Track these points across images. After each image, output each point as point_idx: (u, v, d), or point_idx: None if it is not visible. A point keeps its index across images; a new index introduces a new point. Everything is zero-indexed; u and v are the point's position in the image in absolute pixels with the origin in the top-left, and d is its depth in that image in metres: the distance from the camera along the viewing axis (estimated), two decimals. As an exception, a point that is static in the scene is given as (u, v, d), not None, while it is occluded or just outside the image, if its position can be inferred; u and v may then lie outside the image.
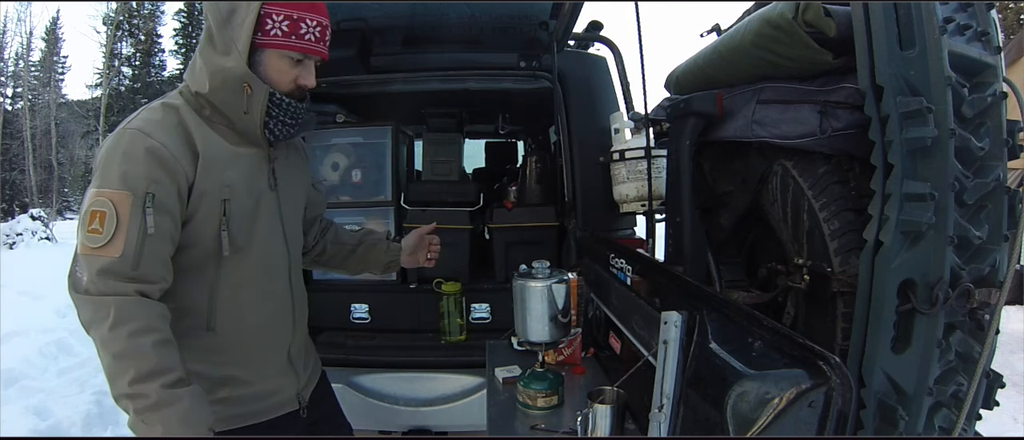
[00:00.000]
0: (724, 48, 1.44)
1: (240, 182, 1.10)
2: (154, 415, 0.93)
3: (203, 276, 1.09)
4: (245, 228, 1.11)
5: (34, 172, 24.19)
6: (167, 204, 1.01)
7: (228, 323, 1.12)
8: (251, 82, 1.06)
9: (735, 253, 1.67)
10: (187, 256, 1.07)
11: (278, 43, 1.07)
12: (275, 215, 1.18)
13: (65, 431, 2.71)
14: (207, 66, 1.06)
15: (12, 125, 24.35)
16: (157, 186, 0.99)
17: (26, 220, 9.66)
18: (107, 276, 0.96)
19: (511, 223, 2.49)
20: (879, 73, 0.95)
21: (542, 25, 2.09)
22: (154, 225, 0.98)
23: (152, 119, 1.04)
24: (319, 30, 1.10)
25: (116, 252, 0.96)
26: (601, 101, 2.39)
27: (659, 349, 1.00)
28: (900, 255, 0.93)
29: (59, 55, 26.88)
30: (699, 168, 1.68)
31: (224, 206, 1.07)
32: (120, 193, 0.97)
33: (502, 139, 4.42)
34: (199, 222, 1.06)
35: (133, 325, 0.94)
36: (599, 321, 1.74)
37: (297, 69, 1.10)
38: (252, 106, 1.07)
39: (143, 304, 0.97)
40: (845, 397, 0.69)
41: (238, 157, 1.11)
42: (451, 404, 2.17)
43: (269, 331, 1.19)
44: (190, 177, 1.04)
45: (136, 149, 0.99)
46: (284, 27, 1.06)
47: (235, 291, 1.12)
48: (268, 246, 1.17)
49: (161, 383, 0.94)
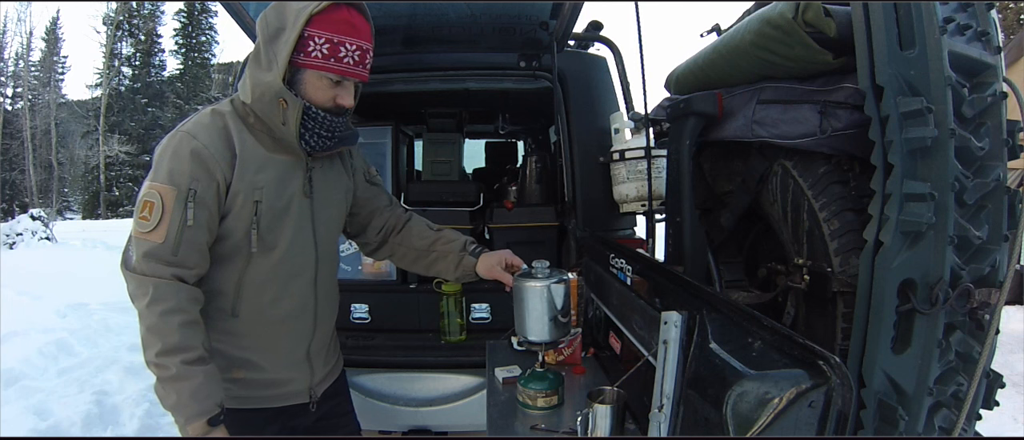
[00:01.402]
0: (724, 48, 1.44)
1: (271, 185, 1.19)
2: (171, 386, 1.08)
3: (233, 267, 1.20)
4: (274, 229, 1.20)
5: (34, 172, 24.20)
6: (206, 200, 1.13)
7: (250, 312, 1.22)
8: (286, 97, 1.15)
9: (735, 253, 1.67)
10: (221, 247, 1.18)
11: (317, 65, 1.15)
12: (307, 220, 1.26)
13: (65, 431, 2.71)
14: (251, 79, 1.17)
15: (12, 125, 24.37)
16: (198, 183, 1.12)
17: (26, 220, 9.64)
18: (150, 259, 1.09)
19: (511, 223, 2.49)
20: (879, 73, 0.95)
21: (542, 25, 2.08)
22: (193, 218, 1.11)
23: (201, 123, 1.16)
24: (359, 54, 1.18)
25: (159, 238, 1.09)
26: (601, 101, 2.39)
27: (659, 349, 1.00)
28: (900, 255, 0.93)
29: (59, 55, 26.91)
30: (699, 168, 1.69)
31: (256, 207, 1.17)
32: (166, 187, 1.11)
33: (502, 139, 4.42)
34: (233, 218, 1.17)
35: (166, 305, 1.08)
36: (599, 321, 1.74)
37: (336, 89, 1.19)
38: (288, 118, 1.17)
39: (177, 287, 1.10)
40: (845, 397, 0.69)
41: (272, 162, 1.20)
42: (451, 404, 2.17)
43: (288, 326, 1.27)
44: (228, 177, 1.15)
45: (183, 149, 1.12)
46: (324, 50, 1.14)
47: (260, 285, 1.22)
48: (296, 248, 1.24)
49: (181, 359, 1.07)
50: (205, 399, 1.09)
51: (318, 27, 1.13)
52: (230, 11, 1.85)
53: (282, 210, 1.21)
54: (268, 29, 1.15)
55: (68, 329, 4.33)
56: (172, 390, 1.08)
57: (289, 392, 1.29)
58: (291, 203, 1.22)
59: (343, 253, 2.46)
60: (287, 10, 1.13)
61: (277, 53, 1.13)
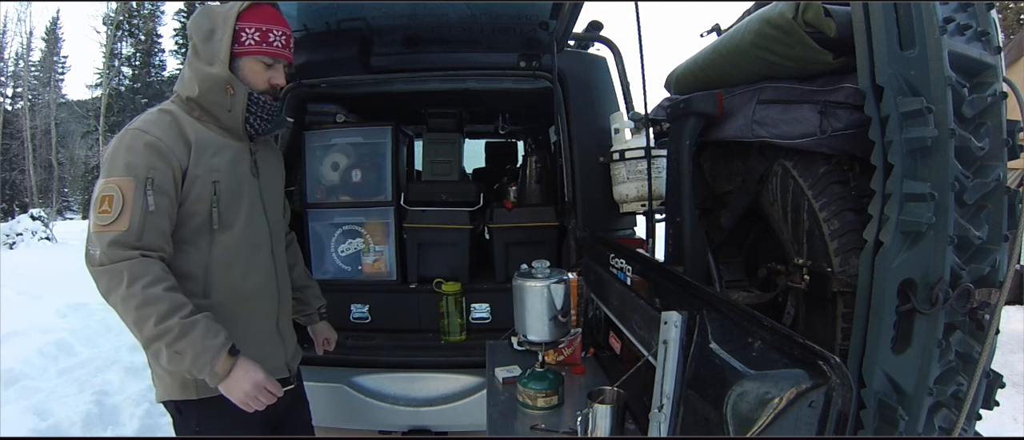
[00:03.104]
0: (724, 48, 1.44)
1: (226, 167, 1.31)
2: (182, 342, 1.14)
3: (198, 249, 1.28)
4: (232, 207, 1.31)
5: (34, 172, 24.18)
6: (164, 187, 1.21)
7: (221, 291, 1.30)
8: (233, 84, 1.29)
9: (735, 253, 1.67)
10: (184, 230, 1.27)
11: (252, 51, 1.31)
12: (257, 197, 1.39)
13: (65, 431, 2.71)
14: (196, 74, 1.29)
15: (12, 125, 24.35)
16: (155, 172, 1.20)
17: (26, 220, 9.66)
18: (116, 246, 1.15)
19: (511, 223, 2.49)
20: (879, 73, 0.95)
21: (542, 25, 2.08)
22: (154, 204, 1.19)
23: (149, 120, 1.26)
24: (284, 38, 1.35)
25: (123, 226, 1.15)
26: (601, 101, 2.39)
27: (659, 349, 1.00)
28: (900, 255, 0.93)
29: (59, 55, 26.89)
30: (699, 168, 1.68)
31: (214, 187, 1.28)
32: (124, 179, 1.18)
33: (502, 139, 4.42)
34: (193, 201, 1.26)
35: (145, 279, 1.14)
36: (599, 321, 1.74)
37: (269, 72, 1.34)
38: (235, 105, 1.30)
39: (149, 262, 1.16)
40: (845, 397, 0.68)
41: (224, 147, 1.32)
42: (451, 404, 2.17)
43: (257, 299, 1.38)
44: (184, 164, 1.24)
45: (137, 144, 1.21)
46: (255, 38, 1.31)
47: (227, 262, 1.31)
48: (251, 224, 1.36)
49: (180, 316, 1.15)
50: (216, 334, 1.18)
51: (247, 21, 1.30)
52: (230, 11, 1.85)
53: (236, 189, 1.32)
54: (201, 31, 1.29)
55: (68, 329, 4.33)
56: (183, 346, 1.14)
57: (269, 368, 1.32)
58: (243, 182, 1.34)
59: (343, 253, 2.47)
60: (215, 12, 1.30)
61: (217, 49, 1.28)
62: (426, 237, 2.45)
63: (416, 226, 2.45)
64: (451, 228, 2.45)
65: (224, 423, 1.30)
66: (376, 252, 2.46)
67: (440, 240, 2.46)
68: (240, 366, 1.21)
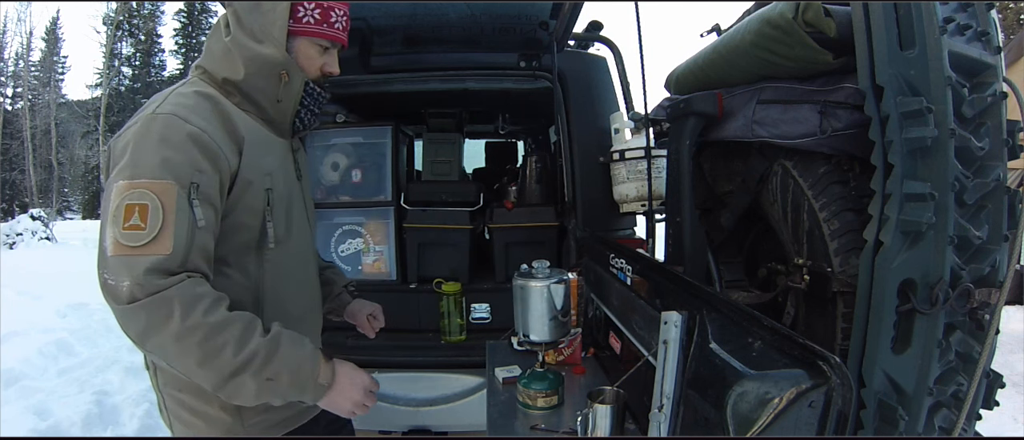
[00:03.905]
0: (724, 48, 1.44)
1: (278, 171, 1.06)
2: (272, 365, 0.90)
3: (244, 271, 1.01)
4: (284, 218, 1.07)
5: (34, 172, 24.18)
6: (211, 196, 0.92)
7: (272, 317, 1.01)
8: (290, 70, 1.03)
9: (735, 253, 1.67)
10: (225, 248, 0.98)
11: (311, 31, 1.05)
12: (301, 205, 1.15)
13: (65, 431, 2.71)
14: (240, 52, 1.01)
15: (12, 125, 24.35)
16: (201, 176, 0.91)
17: (26, 220, 9.66)
18: (155, 274, 0.85)
19: (511, 223, 2.49)
20: (879, 73, 0.95)
21: (542, 25, 2.08)
22: (203, 218, 0.90)
23: (186, 104, 0.95)
24: (345, 19, 1.11)
25: (165, 249, 0.86)
26: (601, 101, 2.39)
27: (659, 349, 1.00)
28: (900, 255, 0.93)
29: (59, 55, 26.89)
30: (699, 168, 1.68)
31: (268, 195, 1.01)
32: (162, 182, 0.87)
33: (502, 139, 4.42)
34: (242, 211, 0.99)
35: (203, 303, 0.86)
36: (599, 321, 1.74)
37: (324, 57, 1.10)
38: (286, 95, 1.05)
39: (197, 281, 0.89)
40: (845, 397, 0.68)
41: (271, 144, 1.07)
42: (451, 404, 2.17)
43: (307, 321, 1.16)
44: (233, 166, 0.96)
45: (175, 134, 0.90)
46: (316, 15, 1.05)
47: (278, 283, 1.06)
48: (300, 237, 1.13)
49: (258, 334, 0.90)
50: (302, 343, 0.95)
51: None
52: (230, 11, 1.84)
53: (288, 196, 1.08)
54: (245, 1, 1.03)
55: (68, 329, 4.33)
56: (276, 368, 0.90)
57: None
58: (292, 188, 1.11)
59: (343, 253, 2.47)
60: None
61: (269, 22, 1.01)
62: (426, 237, 2.45)
63: (416, 226, 2.45)
64: (451, 228, 2.45)
65: None
66: (376, 252, 2.46)
67: (440, 240, 2.46)
68: (342, 371, 0.99)
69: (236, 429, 1.03)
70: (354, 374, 1.01)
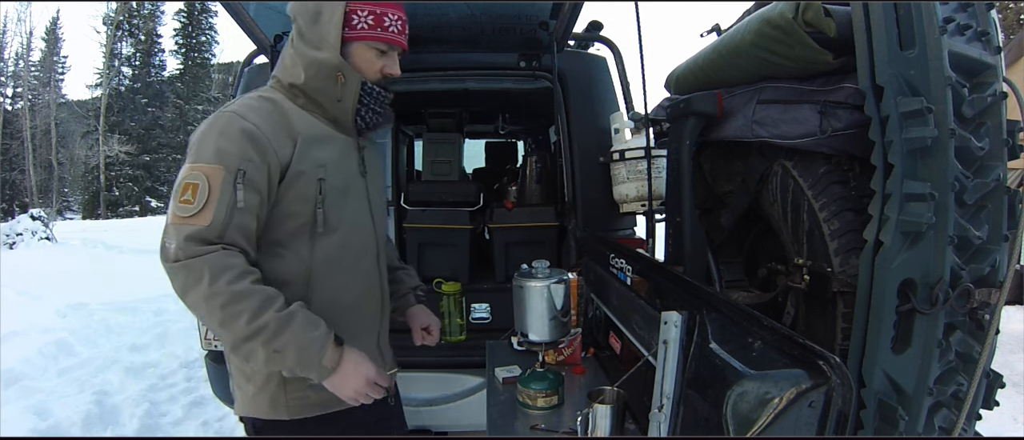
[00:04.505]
0: (724, 48, 1.44)
1: (333, 163, 1.17)
2: (281, 338, 1.01)
3: (297, 254, 1.14)
4: (337, 208, 1.17)
5: (34, 172, 24.20)
6: (257, 182, 1.06)
7: (322, 301, 1.14)
8: (345, 71, 1.16)
9: (735, 253, 1.67)
10: (281, 232, 1.13)
11: (365, 35, 1.17)
12: (363, 199, 1.25)
13: (65, 431, 2.71)
14: (301, 59, 1.16)
15: (12, 125, 24.37)
16: (249, 164, 1.05)
17: (26, 220, 9.64)
18: (194, 241, 1.01)
19: (511, 223, 2.49)
20: (879, 73, 0.95)
21: (542, 25, 2.08)
22: (243, 200, 1.04)
23: (249, 105, 1.12)
24: (400, 23, 1.21)
25: (205, 221, 1.01)
26: (601, 101, 2.39)
27: (659, 349, 1.00)
28: (900, 255, 0.93)
29: (59, 55, 26.90)
30: (699, 168, 1.68)
31: (320, 185, 1.13)
32: (213, 167, 1.04)
33: (502, 139, 4.42)
34: (294, 200, 1.12)
35: (230, 273, 1.00)
36: (599, 321, 1.74)
37: (383, 60, 1.21)
38: (345, 94, 1.17)
39: (230, 254, 1.02)
40: (845, 397, 0.68)
41: (332, 140, 1.19)
42: (451, 404, 2.17)
43: (360, 311, 1.24)
44: (285, 159, 1.10)
45: (232, 129, 1.07)
46: (369, 21, 1.17)
47: (329, 269, 1.17)
48: (356, 228, 1.22)
49: (274, 309, 1.01)
50: (317, 325, 1.05)
51: (358, 2, 1.16)
52: (230, 11, 1.85)
53: (343, 188, 1.19)
54: (306, 12, 1.16)
55: (68, 329, 4.33)
56: (283, 342, 1.01)
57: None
58: (350, 182, 1.22)
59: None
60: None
61: (325, 32, 1.14)
62: (426, 237, 2.45)
63: (416, 226, 2.45)
64: (451, 228, 2.45)
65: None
66: (376, 252, 2.46)
67: (440, 240, 2.46)
68: (349, 358, 1.07)
69: (279, 398, 1.15)
70: (360, 364, 1.08)
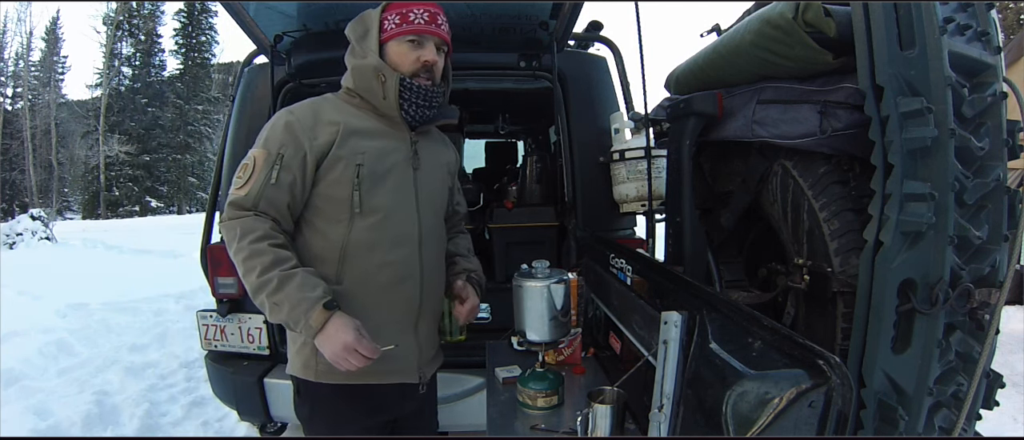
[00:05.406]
0: (724, 48, 1.44)
1: (374, 152, 1.30)
2: (280, 293, 1.17)
3: (334, 231, 1.29)
4: (374, 193, 1.30)
5: (34, 172, 24.22)
6: (291, 164, 1.25)
7: (355, 278, 1.29)
8: (383, 70, 1.30)
9: (735, 253, 1.67)
10: (321, 211, 1.29)
11: (395, 33, 1.31)
12: (409, 190, 1.35)
13: (65, 431, 2.71)
14: (353, 68, 1.35)
15: (12, 125, 24.39)
16: (286, 149, 1.25)
17: (26, 220, 9.64)
18: (233, 207, 1.24)
19: (511, 223, 2.49)
20: (879, 73, 0.95)
21: (542, 25, 2.08)
22: (277, 177, 1.24)
23: (302, 104, 1.33)
24: (427, 15, 1.33)
25: (244, 191, 1.24)
26: (601, 101, 2.39)
27: (659, 349, 1.00)
28: (900, 255, 0.93)
29: (59, 55, 26.94)
30: (699, 168, 1.69)
31: (358, 170, 1.28)
32: (260, 151, 1.26)
33: (502, 139, 4.42)
34: (332, 182, 1.28)
35: (253, 234, 1.20)
36: (599, 321, 1.74)
37: (417, 51, 1.31)
38: (387, 91, 1.31)
39: (259, 219, 1.23)
40: (845, 397, 0.68)
41: (379, 134, 1.33)
42: (451, 404, 2.17)
43: (393, 296, 1.33)
44: (324, 145, 1.27)
45: (279, 122, 1.28)
46: (396, 21, 1.32)
47: (362, 250, 1.29)
48: (397, 215, 1.33)
49: (280, 269, 1.18)
50: (313, 288, 1.18)
51: (390, 11, 1.33)
52: (230, 11, 1.85)
53: (383, 175, 1.30)
54: (356, 32, 1.34)
55: (68, 329, 4.33)
56: (281, 297, 1.16)
57: (397, 368, 1.33)
58: (393, 170, 1.32)
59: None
60: (368, 14, 1.35)
61: (367, 41, 1.32)
62: (426, 237, 2.45)
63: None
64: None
65: (337, 413, 1.31)
66: (376, 252, 2.46)
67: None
68: (334, 322, 1.17)
69: (310, 361, 1.29)
70: (342, 330, 1.18)
